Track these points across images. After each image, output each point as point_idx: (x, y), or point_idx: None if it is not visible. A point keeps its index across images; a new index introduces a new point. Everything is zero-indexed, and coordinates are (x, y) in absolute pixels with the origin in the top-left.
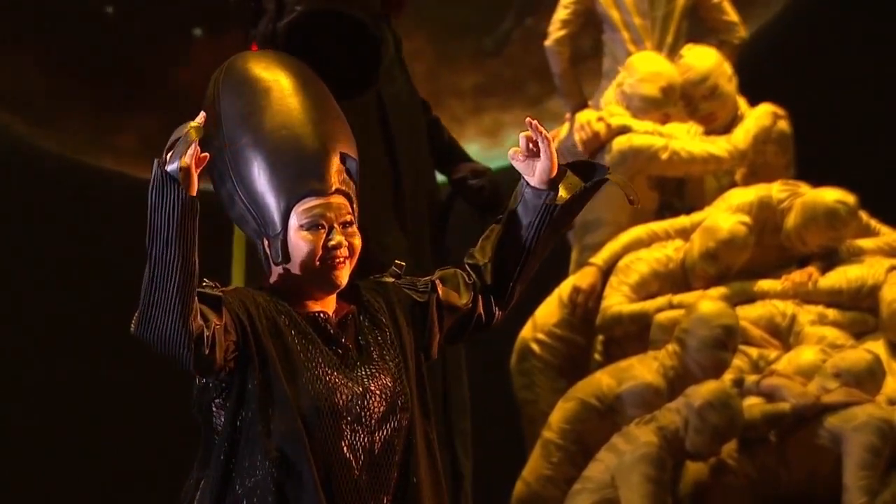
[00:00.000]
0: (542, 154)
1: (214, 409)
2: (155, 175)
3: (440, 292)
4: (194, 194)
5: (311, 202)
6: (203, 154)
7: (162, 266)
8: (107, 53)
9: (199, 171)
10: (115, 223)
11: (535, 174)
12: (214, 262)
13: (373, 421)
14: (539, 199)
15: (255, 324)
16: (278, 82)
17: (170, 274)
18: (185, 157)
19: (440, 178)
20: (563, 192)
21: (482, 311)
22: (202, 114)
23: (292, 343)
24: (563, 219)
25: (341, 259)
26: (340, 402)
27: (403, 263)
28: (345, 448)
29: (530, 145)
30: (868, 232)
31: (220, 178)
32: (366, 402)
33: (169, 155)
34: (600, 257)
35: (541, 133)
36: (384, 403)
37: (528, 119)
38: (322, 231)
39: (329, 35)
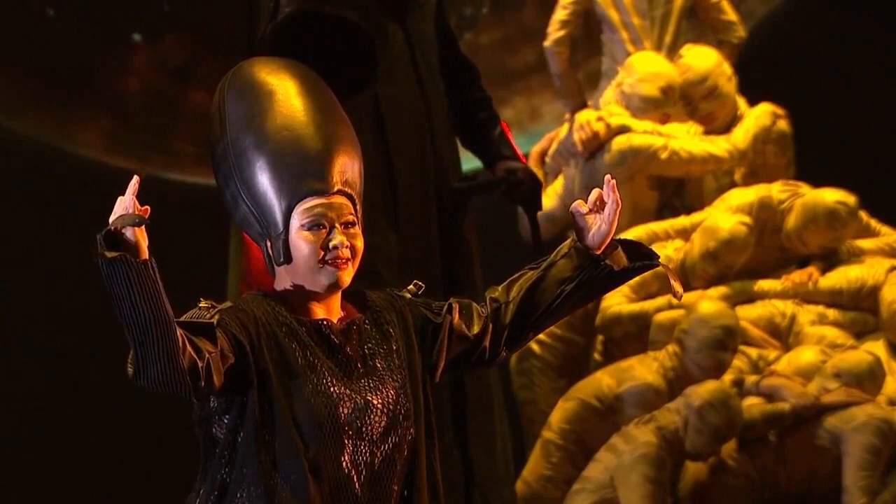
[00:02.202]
0: (606, 218)
1: (215, 423)
2: (100, 258)
3: (455, 318)
4: (145, 256)
5: (312, 202)
6: (144, 208)
7: (135, 326)
8: (51, 54)
9: (143, 226)
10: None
11: (588, 234)
12: (214, 262)
13: (374, 435)
14: (586, 261)
15: (254, 342)
16: (283, 85)
17: (145, 331)
18: (125, 230)
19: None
20: (610, 262)
21: (488, 347)
22: (136, 178)
23: (293, 357)
24: (602, 287)
25: (343, 259)
26: (343, 415)
27: (423, 284)
28: (346, 463)
29: (598, 202)
30: (868, 232)
31: (224, 181)
32: (367, 416)
33: (112, 228)
34: None
35: (613, 195)
36: (385, 417)
37: (608, 177)
38: (323, 231)
39: (325, 35)
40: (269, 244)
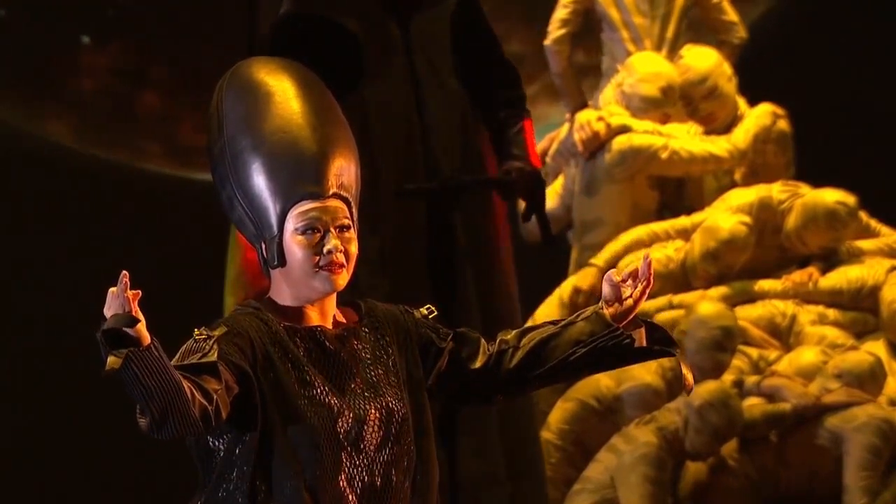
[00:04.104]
0: (634, 295)
1: (212, 441)
2: (110, 371)
3: (458, 348)
4: (148, 341)
5: (306, 205)
6: (135, 292)
7: (145, 399)
8: (6, 53)
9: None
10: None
11: (612, 305)
12: (213, 258)
13: (371, 446)
14: (603, 329)
15: (253, 365)
16: (281, 87)
17: (155, 402)
18: (128, 328)
19: None
20: (627, 338)
21: (485, 386)
22: (125, 272)
23: (287, 377)
24: (614, 359)
25: (337, 264)
26: (340, 428)
27: (434, 309)
28: (343, 481)
29: (632, 275)
30: (868, 232)
31: (220, 182)
32: (364, 426)
33: (110, 329)
34: (601, 258)
35: (648, 273)
36: (381, 428)
37: (647, 254)
38: (317, 235)
39: (317, 36)
40: (263, 246)
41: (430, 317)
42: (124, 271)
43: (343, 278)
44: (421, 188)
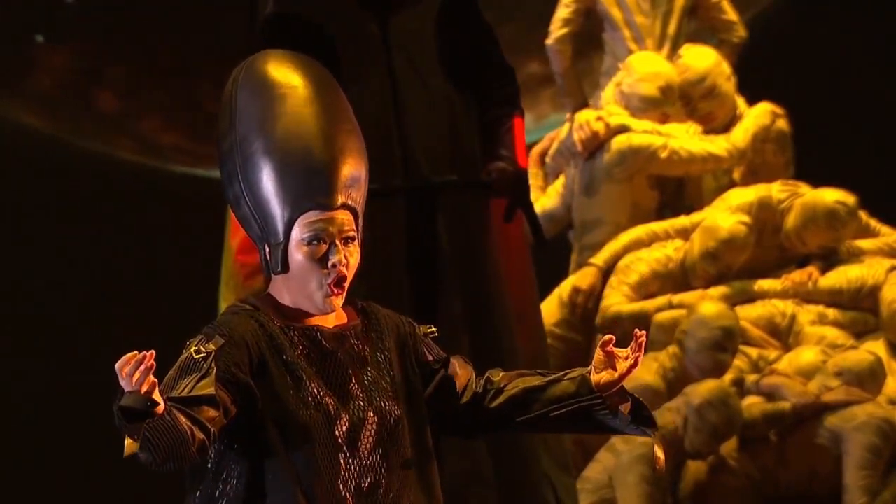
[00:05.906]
0: (620, 369)
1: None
2: (125, 444)
3: (449, 377)
4: (162, 409)
5: (314, 216)
6: (150, 352)
7: (154, 453)
8: None
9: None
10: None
11: (599, 373)
12: (211, 251)
13: (367, 450)
14: (585, 393)
15: (252, 373)
16: (296, 90)
17: (163, 453)
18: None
19: None
20: (607, 408)
21: (461, 420)
22: (152, 353)
23: (282, 381)
24: (590, 425)
25: (340, 277)
26: (337, 431)
27: (435, 331)
28: (340, 484)
29: (624, 353)
30: (868, 232)
31: (228, 178)
32: (360, 430)
33: (127, 406)
34: (600, 257)
35: (635, 354)
36: (377, 431)
37: (642, 333)
38: (322, 246)
39: (299, 37)
40: (267, 250)
41: (430, 337)
42: (152, 351)
43: (340, 300)
44: (375, 190)
